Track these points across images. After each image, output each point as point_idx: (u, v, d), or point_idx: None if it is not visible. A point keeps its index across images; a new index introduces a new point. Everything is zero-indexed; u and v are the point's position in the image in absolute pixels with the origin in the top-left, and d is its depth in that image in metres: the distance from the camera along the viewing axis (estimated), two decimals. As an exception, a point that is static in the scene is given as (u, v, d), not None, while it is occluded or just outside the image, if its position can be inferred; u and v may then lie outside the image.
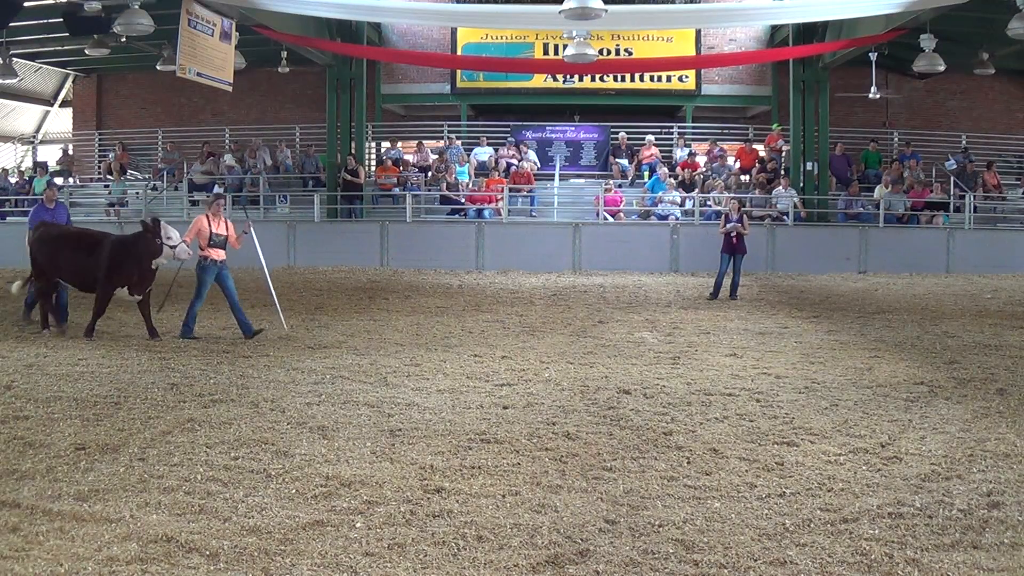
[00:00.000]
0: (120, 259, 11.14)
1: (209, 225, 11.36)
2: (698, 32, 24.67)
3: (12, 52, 21.52)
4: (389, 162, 24.19)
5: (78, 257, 11.42)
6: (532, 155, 24.05)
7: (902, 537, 4.70)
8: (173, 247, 11.11)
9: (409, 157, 25.05)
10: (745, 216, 16.58)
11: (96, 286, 11.27)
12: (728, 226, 16.10)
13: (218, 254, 11.41)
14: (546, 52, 24.31)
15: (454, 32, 24.77)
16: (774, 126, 24.10)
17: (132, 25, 15.81)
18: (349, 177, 22.34)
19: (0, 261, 20.26)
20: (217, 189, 23.55)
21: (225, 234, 11.50)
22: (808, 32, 21.53)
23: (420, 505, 5.13)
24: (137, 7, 15.63)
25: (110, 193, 24.02)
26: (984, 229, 21.50)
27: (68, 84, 29.30)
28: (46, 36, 22.13)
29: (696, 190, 22.29)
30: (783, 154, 23.27)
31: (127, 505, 5.06)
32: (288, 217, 22.49)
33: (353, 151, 22.85)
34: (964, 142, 24.76)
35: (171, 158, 25.45)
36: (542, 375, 8.88)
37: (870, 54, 21.32)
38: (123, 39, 20.06)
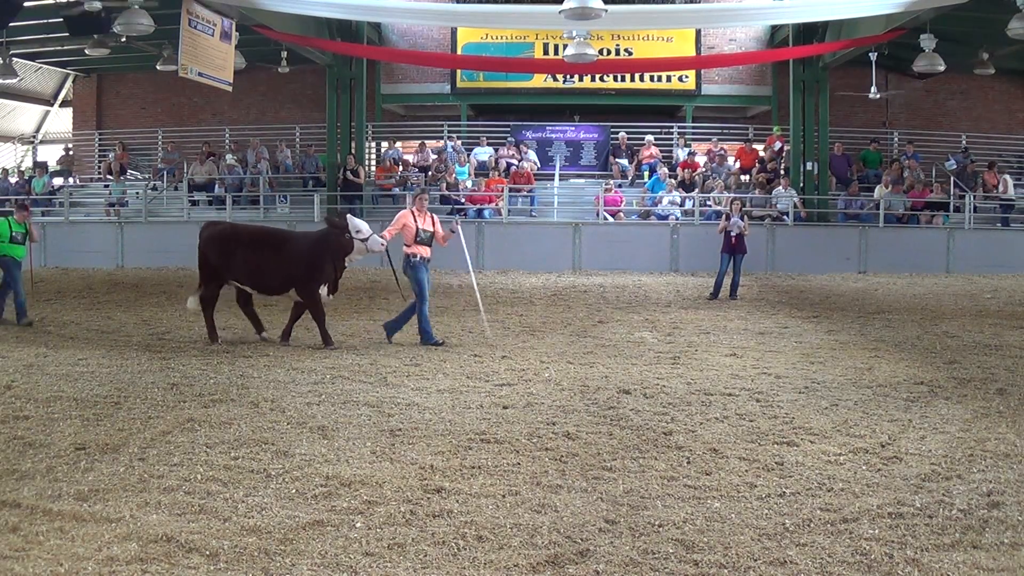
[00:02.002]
0: (317, 257, 10.55)
1: (415, 220, 10.72)
2: (698, 32, 24.67)
3: (12, 52, 21.51)
4: (389, 162, 24.19)
5: (260, 257, 10.70)
6: (532, 155, 24.05)
7: (902, 537, 4.71)
8: (364, 240, 10.52)
9: (409, 157, 25.05)
10: (745, 216, 16.58)
11: (277, 288, 10.72)
12: (731, 222, 16.06)
13: (425, 251, 10.75)
14: (546, 52, 24.30)
15: (454, 32, 24.77)
16: (775, 129, 24.11)
17: (132, 25, 15.81)
18: (351, 177, 22.33)
19: None
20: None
21: (432, 230, 10.84)
22: (808, 32, 21.53)
23: (420, 505, 5.13)
24: (137, 7, 15.63)
25: (110, 193, 24.02)
26: (984, 229, 21.50)
27: (68, 84, 29.30)
28: (46, 36, 22.12)
29: (696, 190, 22.29)
30: (783, 156, 23.28)
31: (127, 505, 5.06)
32: (288, 217, 22.49)
33: (353, 151, 22.84)
34: (964, 142, 24.76)
35: (171, 158, 25.45)
36: (542, 375, 8.88)
37: (870, 54, 21.32)
38: (123, 39, 20.05)
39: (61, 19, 18.58)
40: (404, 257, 10.71)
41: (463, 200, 22.21)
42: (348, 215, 10.76)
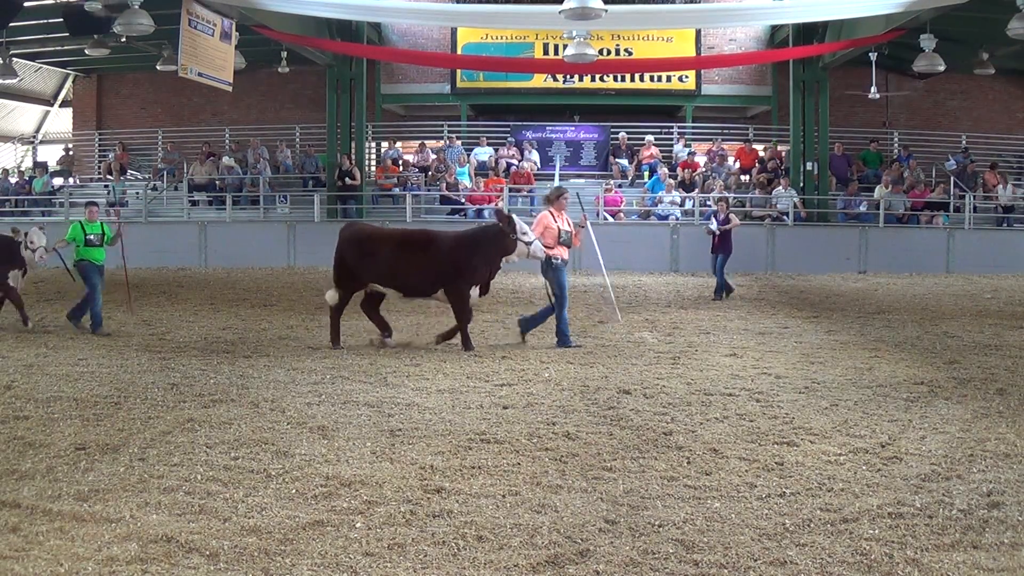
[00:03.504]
0: (470, 257, 10.24)
1: (555, 221, 10.55)
2: (698, 32, 24.67)
3: (12, 52, 21.52)
4: (389, 162, 24.18)
5: (406, 258, 10.41)
6: (535, 155, 24.05)
7: (902, 537, 4.70)
8: (528, 243, 10.20)
9: (409, 157, 25.06)
10: (732, 216, 16.58)
11: (426, 289, 10.40)
12: (709, 221, 16.13)
13: (565, 253, 10.55)
14: (546, 52, 24.30)
15: (454, 32, 24.77)
16: (772, 143, 24.20)
17: (132, 25, 15.81)
18: (340, 183, 22.29)
19: None
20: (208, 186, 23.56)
21: (570, 231, 10.63)
22: (808, 32, 21.54)
23: (420, 505, 5.13)
24: (137, 7, 15.62)
25: (110, 193, 24.02)
26: (984, 229, 21.50)
27: (68, 84, 29.30)
28: (46, 36, 22.13)
29: (696, 190, 22.30)
30: (783, 158, 23.33)
31: (127, 505, 5.06)
32: (288, 217, 22.50)
33: (353, 152, 22.83)
34: (964, 142, 24.77)
35: (171, 158, 25.45)
36: (542, 375, 8.87)
37: (870, 54, 21.33)
38: (123, 39, 20.05)
39: (61, 19, 18.59)
40: (545, 259, 10.46)
41: (463, 200, 22.22)
42: (514, 216, 10.42)
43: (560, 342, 10.51)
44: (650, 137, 24.22)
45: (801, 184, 22.20)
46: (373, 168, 24.95)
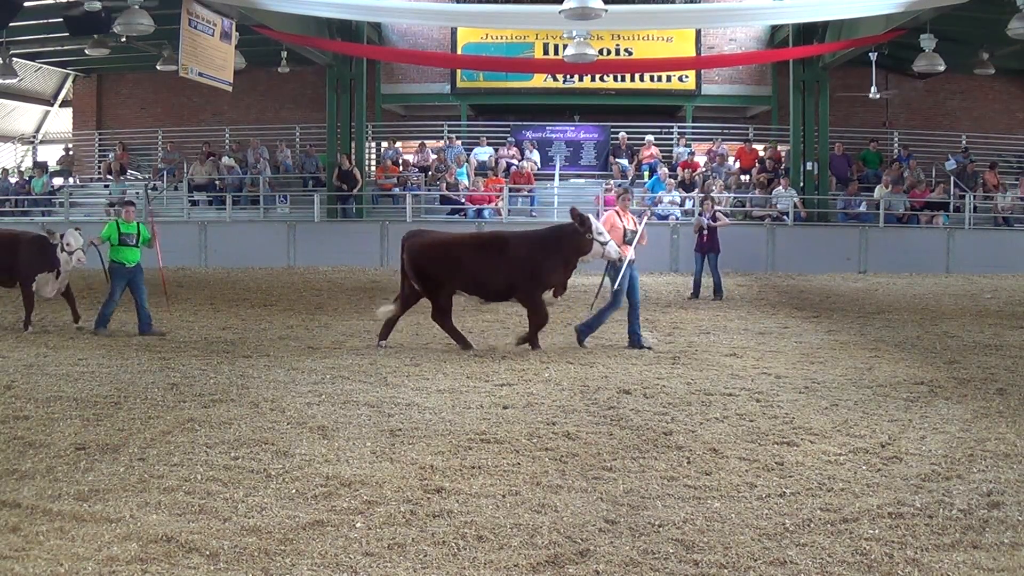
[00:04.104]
0: (546, 258, 10.04)
1: (621, 221, 10.37)
2: (698, 32, 24.68)
3: (12, 52, 21.53)
4: (389, 162, 24.19)
5: (484, 261, 10.17)
6: (535, 155, 24.06)
7: (902, 537, 4.70)
8: (604, 244, 10.01)
9: (409, 157, 25.06)
10: (720, 215, 16.58)
11: (504, 293, 10.22)
12: (697, 219, 16.14)
13: (630, 252, 10.37)
14: (546, 52, 24.31)
15: (454, 32, 24.78)
16: (772, 143, 24.21)
17: (132, 25, 15.83)
18: (340, 184, 22.29)
19: None
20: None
21: (636, 230, 10.45)
22: (808, 32, 21.55)
23: (420, 505, 5.13)
24: (137, 7, 15.64)
25: (110, 193, 24.03)
26: (984, 229, 21.51)
27: (68, 84, 29.31)
28: (46, 36, 22.14)
29: (696, 190, 22.30)
30: (782, 159, 23.35)
31: (127, 505, 5.05)
32: (288, 217, 22.50)
33: (353, 152, 22.84)
34: (964, 142, 24.77)
35: (171, 158, 25.46)
36: (542, 375, 8.87)
37: (870, 54, 21.33)
38: (123, 39, 20.08)
39: (61, 19, 18.59)
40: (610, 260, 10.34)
41: (463, 200, 22.22)
42: (590, 216, 10.24)
43: (632, 342, 10.40)
44: (650, 137, 24.22)
45: (801, 184, 22.20)
46: (373, 168, 24.95)
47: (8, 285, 12.17)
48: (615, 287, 10.36)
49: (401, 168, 24.36)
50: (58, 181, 25.74)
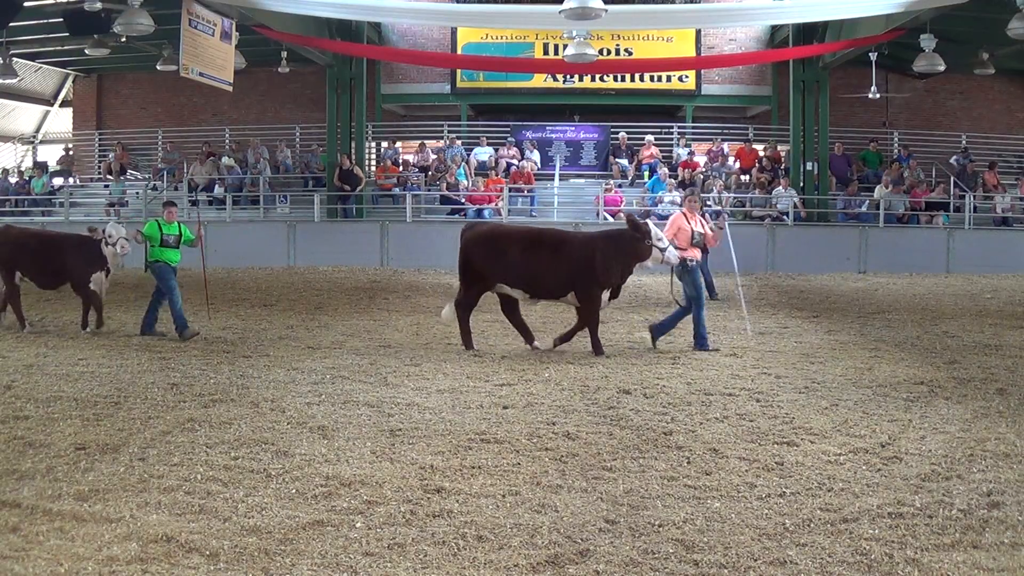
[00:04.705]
0: (603, 260, 9.97)
1: (689, 223, 10.35)
2: (698, 32, 24.67)
3: (12, 52, 21.51)
4: (389, 162, 24.19)
5: (537, 259, 10.08)
6: (536, 155, 24.06)
7: (902, 537, 4.71)
8: (663, 249, 9.97)
9: (409, 157, 25.06)
10: (706, 215, 16.57)
11: (556, 292, 10.13)
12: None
13: (698, 254, 10.37)
14: (546, 52, 24.30)
15: (454, 32, 24.77)
16: (772, 143, 24.21)
17: (132, 25, 15.81)
18: (340, 184, 22.29)
19: None
20: (218, 189, 23.58)
21: (703, 232, 10.46)
22: (808, 32, 21.54)
23: (420, 505, 5.13)
24: (137, 7, 15.63)
25: (110, 193, 24.03)
26: (984, 229, 21.50)
27: (68, 84, 29.29)
28: (46, 36, 22.12)
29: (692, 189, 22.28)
30: (781, 159, 23.35)
31: (127, 505, 5.06)
32: (288, 217, 22.49)
33: (353, 151, 22.83)
34: (964, 142, 24.77)
35: (171, 158, 25.45)
36: (542, 375, 8.87)
37: (870, 54, 21.32)
38: (123, 39, 20.07)
39: (61, 19, 18.58)
40: (680, 261, 10.29)
41: (463, 200, 22.22)
42: (648, 220, 10.22)
43: (698, 344, 10.29)
44: (650, 137, 24.21)
45: (801, 184, 22.19)
46: (373, 168, 24.95)
47: (51, 287, 11.94)
48: (691, 288, 10.33)
49: (401, 168, 24.35)
50: (58, 181, 25.72)
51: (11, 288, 11.68)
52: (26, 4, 17.31)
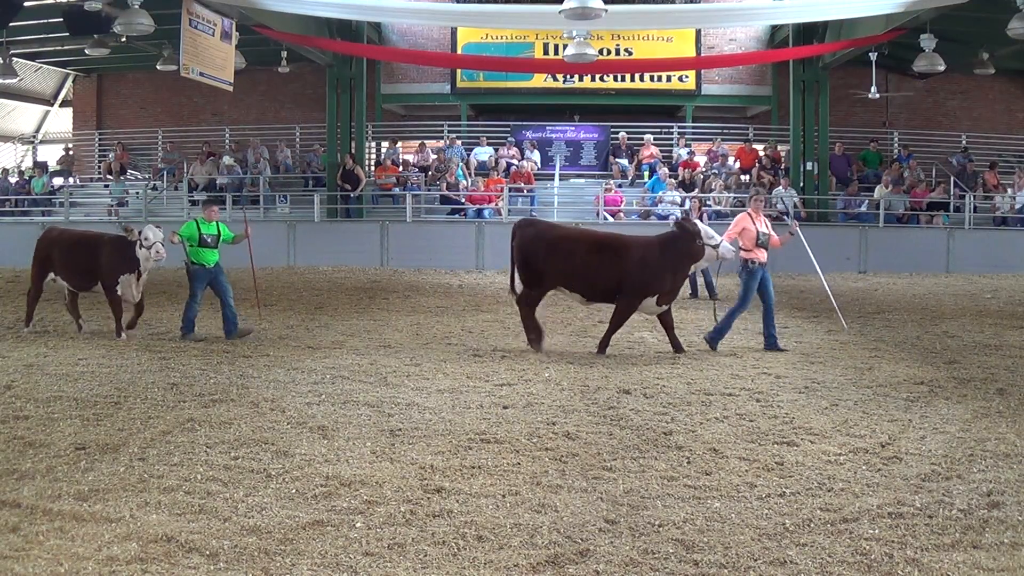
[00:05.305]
0: (655, 263, 9.93)
1: (754, 223, 10.28)
2: (698, 32, 24.67)
3: (12, 52, 21.52)
4: (389, 162, 24.20)
5: (594, 261, 10.05)
6: (536, 155, 24.06)
7: (902, 537, 4.71)
8: (715, 247, 9.99)
9: (409, 157, 25.06)
10: (704, 215, 16.63)
11: (608, 296, 10.09)
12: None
13: (763, 255, 10.30)
14: (546, 52, 24.30)
15: (454, 32, 24.77)
16: (772, 143, 24.22)
17: (132, 25, 15.81)
18: (342, 184, 22.29)
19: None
20: (217, 190, 23.59)
21: (769, 233, 10.34)
22: (808, 32, 21.54)
23: (420, 505, 5.13)
24: (137, 7, 15.62)
25: (110, 193, 24.02)
26: (984, 229, 21.50)
27: (68, 84, 29.30)
28: (46, 36, 22.13)
29: (696, 190, 22.30)
30: (782, 160, 23.35)
31: (127, 505, 5.06)
32: (288, 217, 22.48)
33: (352, 151, 22.84)
34: (964, 142, 24.77)
35: (171, 158, 25.46)
36: (542, 375, 8.87)
37: (870, 54, 21.33)
38: (123, 39, 20.06)
39: (61, 19, 18.58)
40: (742, 262, 10.27)
41: (463, 200, 22.22)
42: (698, 220, 10.14)
43: (710, 338, 10.32)
44: (649, 136, 24.21)
45: (801, 184, 22.19)
46: (373, 168, 24.95)
47: (83, 289, 11.47)
48: (741, 289, 10.36)
49: (400, 168, 24.35)
50: (58, 181, 25.73)
51: (36, 289, 11.52)
52: (26, 4, 17.32)
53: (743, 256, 10.25)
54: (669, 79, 25.20)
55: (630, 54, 24.43)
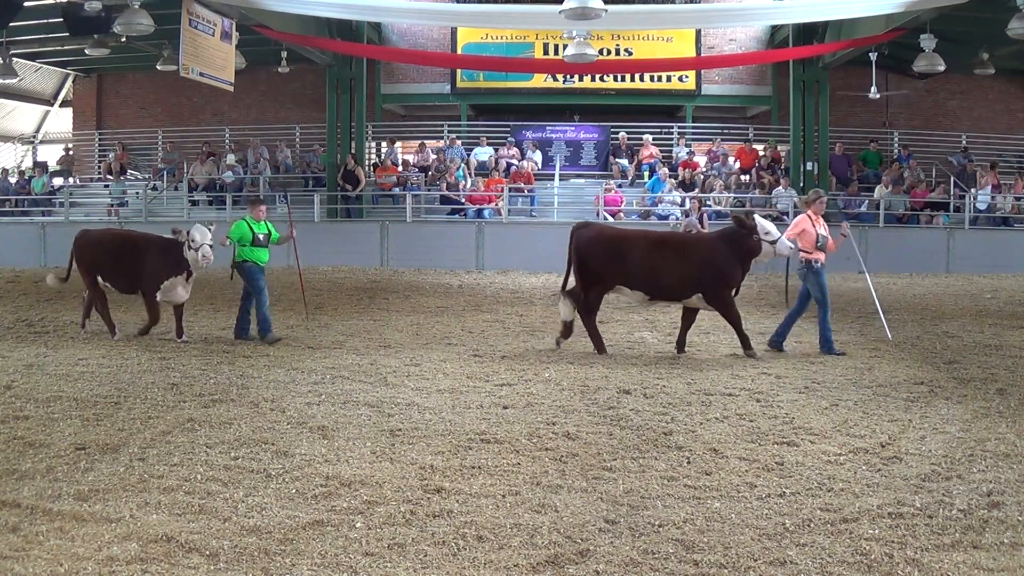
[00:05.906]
0: (727, 260, 10.07)
1: (814, 226, 10.34)
2: (698, 32, 24.67)
3: (12, 52, 21.51)
4: (389, 162, 24.20)
5: (658, 260, 10.10)
6: (537, 155, 24.06)
7: (902, 537, 4.71)
8: (773, 242, 10.03)
9: (409, 157, 25.06)
10: (704, 215, 16.65)
11: (679, 293, 10.12)
12: (688, 220, 16.13)
13: (822, 257, 10.36)
14: (546, 52, 24.30)
15: (454, 32, 24.77)
16: (772, 143, 24.22)
17: (132, 25, 15.81)
18: (343, 184, 22.30)
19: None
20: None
21: (827, 236, 10.40)
22: (808, 32, 21.54)
23: (420, 505, 5.13)
24: (137, 7, 15.63)
25: (110, 193, 24.02)
26: (984, 229, 21.50)
27: (68, 84, 29.30)
28: (46, 36, 22.12)
29: (696, 190, 22.30)
30: (782, 161, 23.36)
31: (127, 505, 5.06)
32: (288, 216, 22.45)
33: (353, 151, 22.84)
34: (964, 142, 24.77)
35: (171, 158, 25.45)
36: (542, 375, 8.87)
37: (870, 54, 21.32)
38: (123, 39, 20.06)
39: (61, 19, 18.57)
40: (804, 263, 10.37)
41: (463, 200, 22.23)
42: (755, 215, 10.24)
43: (824, 348, 10.25)
44: (648, 137, 24.21)
45: (801, 184, 22.19)
46: (372, 168, 24.95)
47: (129, 292, 11.29)
48: (816, 291, 10.35)
49: (400, 168, 24.35)
50: (58, 181, 25.72)
51: (96, 292, 11.22)
52: (26, 4, 17.31)
53: (805, 257, 10.31)
54: (669, 79, 25.19)
55: (630, 54, 24.42)
